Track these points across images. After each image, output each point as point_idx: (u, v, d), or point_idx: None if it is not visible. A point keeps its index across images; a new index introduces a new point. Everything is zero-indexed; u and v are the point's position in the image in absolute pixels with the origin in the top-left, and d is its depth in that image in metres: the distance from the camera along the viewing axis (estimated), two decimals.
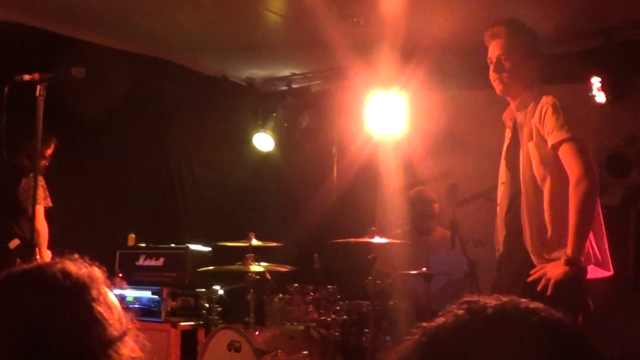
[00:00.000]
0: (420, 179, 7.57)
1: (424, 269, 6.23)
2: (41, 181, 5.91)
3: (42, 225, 5.98)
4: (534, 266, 4.05)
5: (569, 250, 3.92)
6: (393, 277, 6.49)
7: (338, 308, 6.12)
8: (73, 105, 6.64)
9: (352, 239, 6.11)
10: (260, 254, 6.42)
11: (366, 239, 5.99)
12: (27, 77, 4.09)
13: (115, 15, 6.97)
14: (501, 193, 4.41)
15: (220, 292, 6.63)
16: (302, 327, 6.17)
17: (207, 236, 7.59)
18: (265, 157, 8.79)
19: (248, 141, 8.64)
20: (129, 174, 7.92)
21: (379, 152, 7.63)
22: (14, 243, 5.99)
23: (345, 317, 6.10)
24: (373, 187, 7.92)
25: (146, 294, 6.84)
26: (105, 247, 7.15)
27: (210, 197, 8.65)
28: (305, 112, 8.63)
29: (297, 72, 8.60)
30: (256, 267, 6.24)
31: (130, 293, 6.86)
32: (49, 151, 6.22)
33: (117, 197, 7.77)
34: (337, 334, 6.03)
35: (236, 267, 6.33)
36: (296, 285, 6.31)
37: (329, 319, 6.07)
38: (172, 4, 6.71)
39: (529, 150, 4.14)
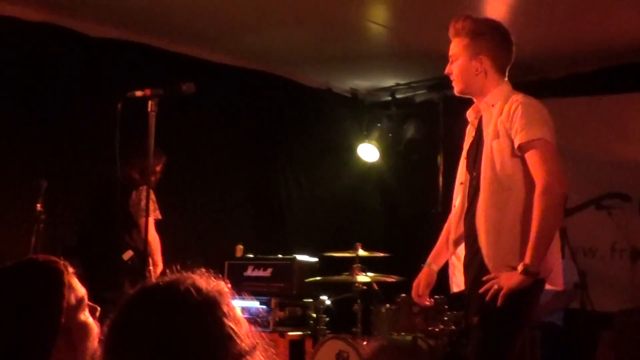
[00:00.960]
0: None
1: None
2: (151, 194, 6.04)
3: (153, 237, 6.09)
4: (489, 272, 3.71)
5: (527, 259, 3.58)
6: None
7: (446, 318, 6.07)
8: (182, 120, 6.80)
9: None
10: (367, 264, 6.43)
11: None
12: (139, 93, 4.14)
13: (222, 31, 7.11)
14: (460, 194, 4.05)
15: (328, 302, 6.64)
16: (409, 338, 6.13)
17: (314, 246, 7.63)
18: (371, 167, 8.80)
19: (353, 152, 8.66)
20: (237, 186, 8.04)
21: None
22: (128, 255, 6.12)
23: (453, 327, 6.05)
24: None
25: (254, 304, 6.90)
26: (214, 258, 7.25)
27: (316, 208, 8.70)
28: (409, 122, 8.61)
29: (401, 82, 8.59)
30: (363, 278, 6.25)
31: (239, 303, 6.91)
32: (159, 167, 6.35)
33: (225, 209, 7.89)
34: (445, 344, 5.99)
35: (343, 277, 6.35)
36: (403, 295, 6.27)
37: (437, 330, 6.02)
38: (277, 19, 6.80)
39: (492, 150, 3.78)
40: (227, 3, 6.49)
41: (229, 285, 1.67)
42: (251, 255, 7.41)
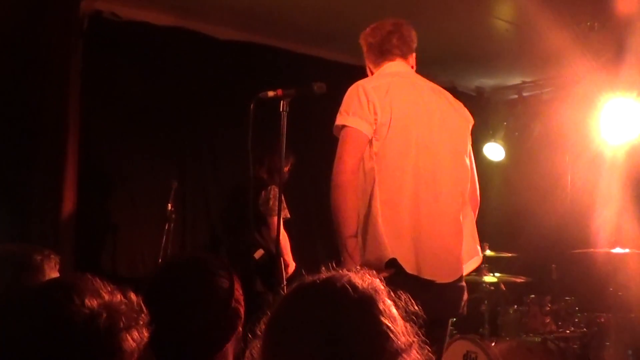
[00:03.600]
0: None
1: None
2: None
3: (282, 236, 6.17)
4: None
5: None
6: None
7: (577, 320, 5.97)
8: (310, 121, 6.87)
9: (591, 249, 5.94)
10: (494, 265, 6.37)
11: (606, 249, 5.81)
12: (271, 93, 4.18)
13: (348, 32, 7.13)
14: None
15: None
16: (539, 339, 6.05)
17: None
18: (497, 166, 8.69)
19: (479, 151, 8.58)
20: None
21: (616, 159, 7.36)
22: (259, 253, 6.21)
23: (584, 329, 5.94)
24: (610, 195, 7.64)
25: None
26: (338, 256, 7.28)
27: None
28: (536, 121, 8.45)
29: (528, 80, 8.46)
30: (490, 278, 6.20)
31: None
32: (287, 168, 6.42)
33: None
34: (576, 346, 5.88)
35: (470, 277, 6.30)
36: (533, 296, 6.20)
37: (567, 332, 5.93)
38: (403, 17, 6.79)
39: None
40: (351, 3, 6.52)
41: (384, 284, 1.68)
42: None
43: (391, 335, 1.57)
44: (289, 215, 6.34)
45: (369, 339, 1.55)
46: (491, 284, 6.23)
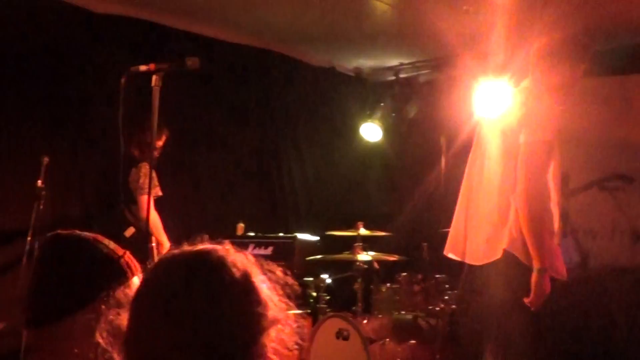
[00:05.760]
0: None
1: None
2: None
3: (152, 216, 6.08)
4: None
5: None
6: None
7: (447, 297, 6.09)
8: (185, 96, 6.78)
9: None
10: (368, 243, 6.44)
11: None
12: (143, 67, 4.10)
13: (226, 9, 7.07)
14: None
15: (328, 281, 6.64)
16: (410, 317, 6.16)
17: (315, 225, 7.64)
18: (373, 147, 8.78)
19: (356, 131, 8.65)
20: (238, 164, 8.02)
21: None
22: (130, 231, 6.12)
23: (454, 306, 6.07)
24: None
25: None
26: (215, 236, 7.22)
27: (318, 187, 8.71)
28: (413, 102, 8.58)
29: (405, 61, 8.57)
30: (364, 256, 6.26)
31: None
32: (160, 143, 6.31)
33: (227, 187, 7.87)
34: (445, 323, 6.01)
35: (344, 256, 6.36)
36: (405, 274, 6.30)
37: (437, 309, 6.05)
38: None
39: None
40: None
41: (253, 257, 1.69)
42: (252, 234, 7.41)
43: (264, 307, 1.60)
44: (160, 193, 6.26)
45: (237, 312, 1.56)
46: (365, 262, 6.30)
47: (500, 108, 7.00)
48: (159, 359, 1.53)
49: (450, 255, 4.70)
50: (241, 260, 1.66)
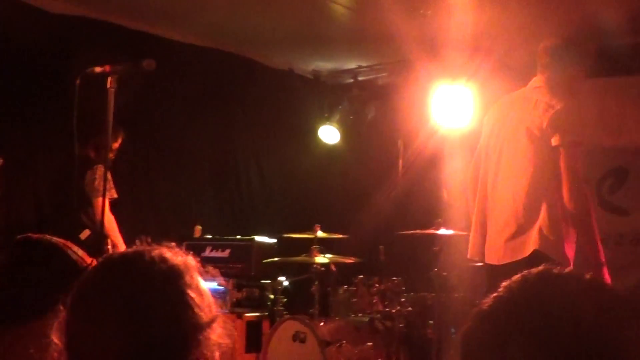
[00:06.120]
0: None
1: None
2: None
3: (107, 218, 6.03)
4: None
5: None
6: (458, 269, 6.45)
7: (403, 300, 6.12)
8: (141, 98, 6.72)
9: (417, 231, 6.09)
10: (325, 246, 6.45)
11: (432, 231, 5.97)
12: (98, 69, 4.05)
13: (183, 10, 7.04)
14: None
15: (286, 283, 6.65)
16: (366, 319, 6.17)
17: (273, 228, 7.63)
18: (331, 149, 8.79)
19: (314, 134, 8.66)
20: (196, 166, 7.99)
21: (445, 144, 7.58)
22: (85, 234, 6.08)
23: (410, 309, 6.10)
24: (439, 179, 7.86)
25: (212, 285, 6.86)
26: (172, 238, 7.16)
27: (275, 189, 8.70)
28: (371, 105, 8.62)
29: (364, 64, 8.59)
30: (321, 259, 6.27)
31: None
32: (116, 144, 6.27)
33: (184, 189, 7.84)
34: (401, 325, 6.04)
35: (301, 258, 6.37)
36: (361, 276, 6.31)
37: (393, 311, 6.07)
38: None
39: None
40: None
41: (198, 261, 1.69)
42: (209, 236, 7.39)
43: (195, 307, 1.57)
44: (116, 195, 6.22)
45: (172, 310, 1.55)
46: (322, 264, 6.30)
47: (461, 113, 7.09)
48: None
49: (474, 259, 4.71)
50: (180, 261, 1.65)
